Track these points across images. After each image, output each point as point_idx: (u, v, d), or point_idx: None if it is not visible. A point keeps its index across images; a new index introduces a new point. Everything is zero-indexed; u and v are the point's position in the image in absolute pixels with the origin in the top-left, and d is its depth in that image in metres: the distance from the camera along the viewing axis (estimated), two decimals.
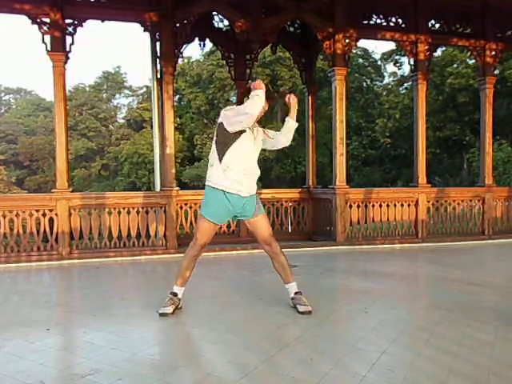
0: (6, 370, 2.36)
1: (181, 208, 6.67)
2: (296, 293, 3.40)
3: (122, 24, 8.16)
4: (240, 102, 3.27)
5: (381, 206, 7.02)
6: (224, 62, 7.99)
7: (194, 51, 69.70)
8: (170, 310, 3.28)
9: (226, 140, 3.17)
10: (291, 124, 3.46)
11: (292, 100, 3.42)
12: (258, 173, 3.35)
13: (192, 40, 7.11)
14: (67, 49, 5.90)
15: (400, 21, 7.20)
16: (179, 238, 6.35)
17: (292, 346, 2.73)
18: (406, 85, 25.85)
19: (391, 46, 25.45)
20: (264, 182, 26.10)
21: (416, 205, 7.14)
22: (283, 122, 3.50)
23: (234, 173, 3.17)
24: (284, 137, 3.49)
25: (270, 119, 27.02)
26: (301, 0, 6.63)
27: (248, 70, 7.80)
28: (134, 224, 6.09)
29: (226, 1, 6.38)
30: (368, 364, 2.41)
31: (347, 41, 6.87)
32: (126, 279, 5.01)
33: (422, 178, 7.19)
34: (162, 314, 3.26)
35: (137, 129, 35.36)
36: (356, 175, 25.08)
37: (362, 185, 21.35)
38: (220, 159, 3.17)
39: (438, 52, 18.72)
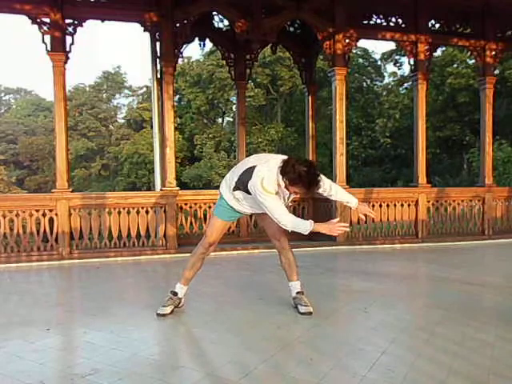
0: (6, 370, 2.36)
1: (181, 208, 6.65)
2: (298, 292, 3.38)
3: (122, 24, 8.16)
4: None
5: (381, 206, 7.02)
6: (224, 62, 8.01)
7: (194, 51, 69.78)
8: (167, 310, 3.27)
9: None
10: (350, 203, 3.56)
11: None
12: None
13: (192, 40, 7.12)
14: (67, 49, 5.90)
15: (400, 21, 7.20)
16: (179, 238, 6.35)
17: (292, 346, 2.73)
18: (406, 85, 25.84)
19: (391, 46, 25.45)
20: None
21: (416, 205, 7.14)
22: (283, 121, 3.47)
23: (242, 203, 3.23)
24: (327, 191, 3.62)
25: (270, 119, 27.23)
26: (301, 0, 6.64)
27: (248, 70, 7.83)
28: (134, 224, 6.09)
29: (226, 1, 6.38)
30: (368, 364, 2.41)
31: (347, 41, 6.87)
32: (126, 279, 5.01)
33: (422, 177, 7.19)
34: (159, 314, 3.25)
35: (137, 129, 35.35)
36: (356, 175, 25.05)
37: (362, 185, 21.35)
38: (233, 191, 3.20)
39: (438, 52, 18.69)
